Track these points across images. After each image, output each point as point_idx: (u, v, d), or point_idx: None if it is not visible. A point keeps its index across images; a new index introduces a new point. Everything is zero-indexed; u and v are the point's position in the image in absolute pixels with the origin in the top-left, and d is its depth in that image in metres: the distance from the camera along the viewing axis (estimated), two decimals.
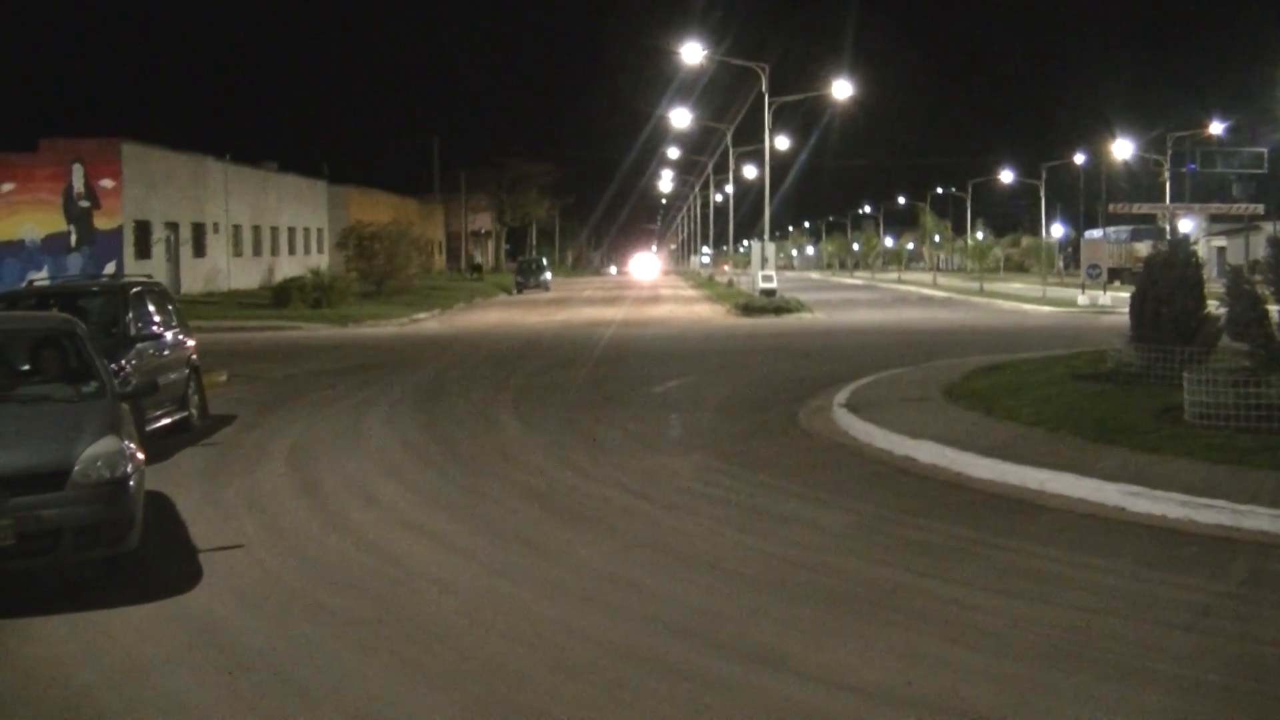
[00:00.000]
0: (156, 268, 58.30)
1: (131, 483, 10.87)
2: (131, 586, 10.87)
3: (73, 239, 59.18)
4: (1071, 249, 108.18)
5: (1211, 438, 15.62)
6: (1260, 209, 75.73)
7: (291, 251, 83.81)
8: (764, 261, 60.79)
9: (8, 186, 59.15)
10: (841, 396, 21.81)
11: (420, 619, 10.03)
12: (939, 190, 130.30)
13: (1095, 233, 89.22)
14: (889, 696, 8.08)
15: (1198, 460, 14.55)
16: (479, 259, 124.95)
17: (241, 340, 41.98)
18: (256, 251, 77.91)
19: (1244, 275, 18.56)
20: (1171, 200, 73.61)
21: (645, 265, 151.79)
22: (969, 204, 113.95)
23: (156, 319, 20.32)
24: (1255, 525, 12.28)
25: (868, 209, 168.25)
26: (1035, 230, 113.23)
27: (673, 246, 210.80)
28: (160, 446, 17.73)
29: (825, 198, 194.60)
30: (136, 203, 60.71)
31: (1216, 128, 79.76)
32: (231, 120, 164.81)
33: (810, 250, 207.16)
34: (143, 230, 61.50)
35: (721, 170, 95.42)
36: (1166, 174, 73.39)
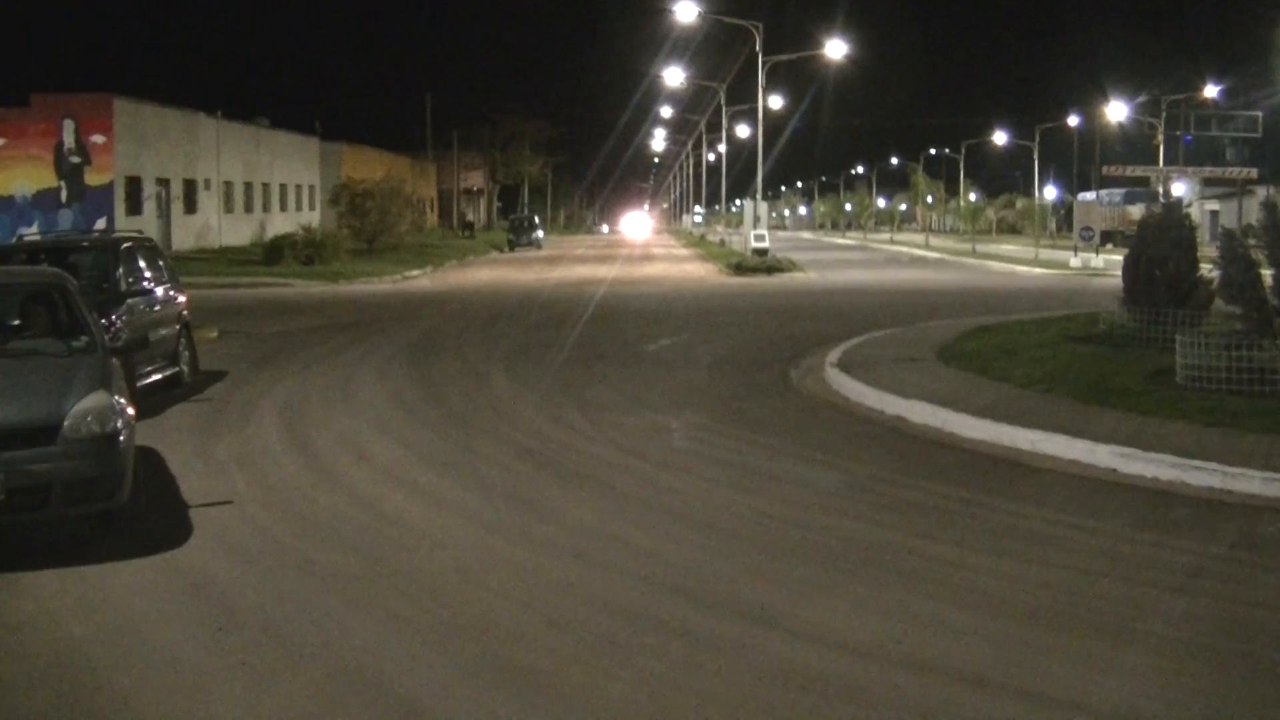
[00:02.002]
0: (148, 224, 58.19)
1: (122, 438, 10.84)
2: (122, 542, 10.86)
3: (64, 194, 59.08)
4: (1065, 211, 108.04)
5: (1203, 400, 15.64)
6: (1254, 173, 75.80)
7: (283, 208, 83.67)
8: (756, 221, 60.81)
9: None
10: (833, 356, 21.81)
11: (411, 575, 10.03)
12: (932, 151, 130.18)
13: (1089, 195, 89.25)
14: (880, 655, 8.09)
15: (1190, 422, 14.57)
16: (471, 217, 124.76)
17: (233, 297, 41.93)
18: (248, 208, 77.77)
19: (1238, 238, 18.55)
20: (1165, 163, 73.65)
21: (637, 224, 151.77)
22: (962, 165, 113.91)
23: (147, 275, 20.26)
24: (1246, 488, 12.30)
25: (861, 169, 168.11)
26: (1029, 192, 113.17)
27: (665, 205, 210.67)
28: (151, 402, 17.71)
29: (818, 158, 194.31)
30: (128, 158, 60.58)
31: (1211, 91, 79.75)
32: (224, 76, 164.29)
33: (803, 210, 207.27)
34: (134, 186, 61.39)
35: (715, 129, 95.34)
36: (1160, 137, 73.37)
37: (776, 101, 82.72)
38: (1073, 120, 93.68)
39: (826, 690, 7.56)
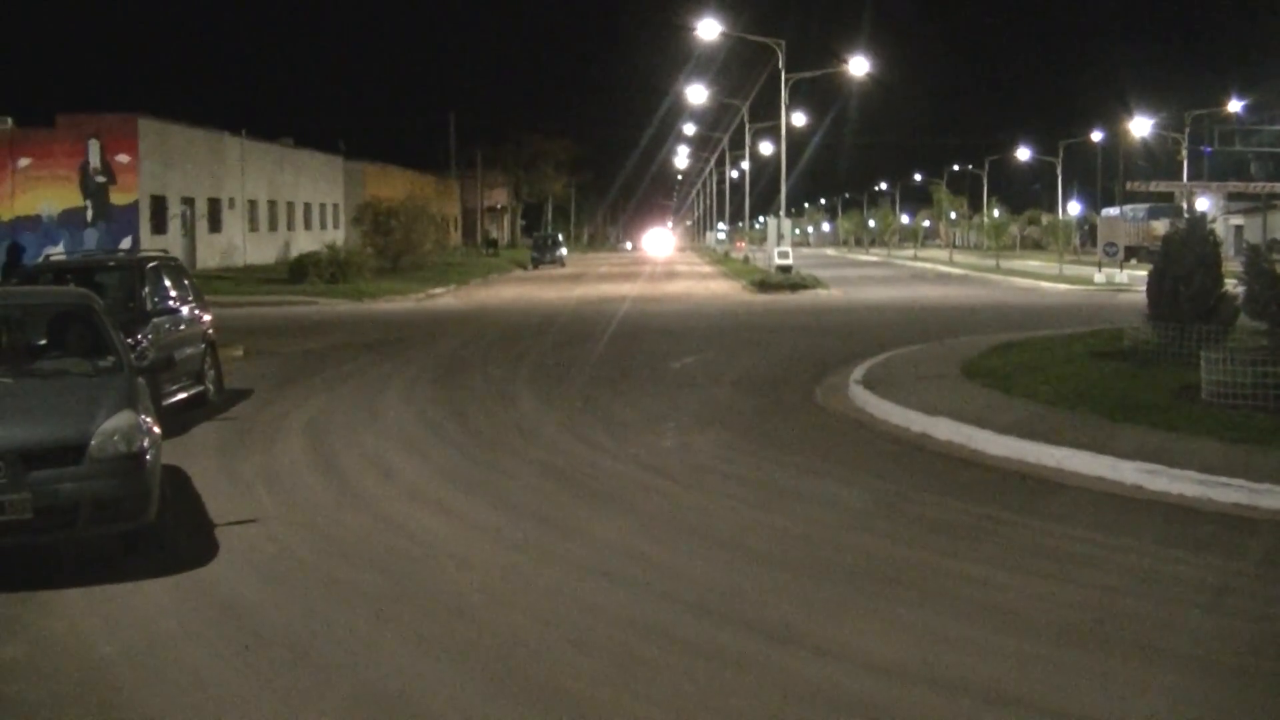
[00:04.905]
0: (172, 243, 58.46)
1: (148, 457, 10.87)
2: (149, 561, 10.89)
3: (89, 214, 59.37)
4: (1089, 227, 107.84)
5: (1229, 416, 15.59)
6: (1278, 187, 75.50)
7: (307, 227, 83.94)
8: (780, 238, 60.77)
9: (25, 162, 59.31)
10: (858, 373, 21.79)
11: (437, 594, 10.04)
12: (955, 168, 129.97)
13: (1112, 211, 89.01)
14: (906, 674, 8.07)
15: (1215, 439, 14.51)
16: (495, 235, 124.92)
17: (258, 315, 42.02)
18: (272, 227, 78.03)
19: (1262, 254, 18.51)
20: (1189, 178, 73.49)
21: (660, 241, 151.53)
22: (985, 181, 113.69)
23: (172, 294, 20.34)
24: (1272, 504, 12.26)
25: (884, 186, 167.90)
26: (1052, 208, 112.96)
27: (688, 223, 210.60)
28: (177, 421, 17.75)
29: (842, 174, 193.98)
30: (153, 178, 60.83)
31: (1235, 106, 79.58)
32: (248, 95, 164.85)
33: (826, 227, 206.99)
34: (159, 205, 61.65)
35: (738, 146, 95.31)
36: (1184, 152, 73.21)
37: (800, 118, 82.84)
38: (1096, 136, 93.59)
39: (853, 710, 7.55)
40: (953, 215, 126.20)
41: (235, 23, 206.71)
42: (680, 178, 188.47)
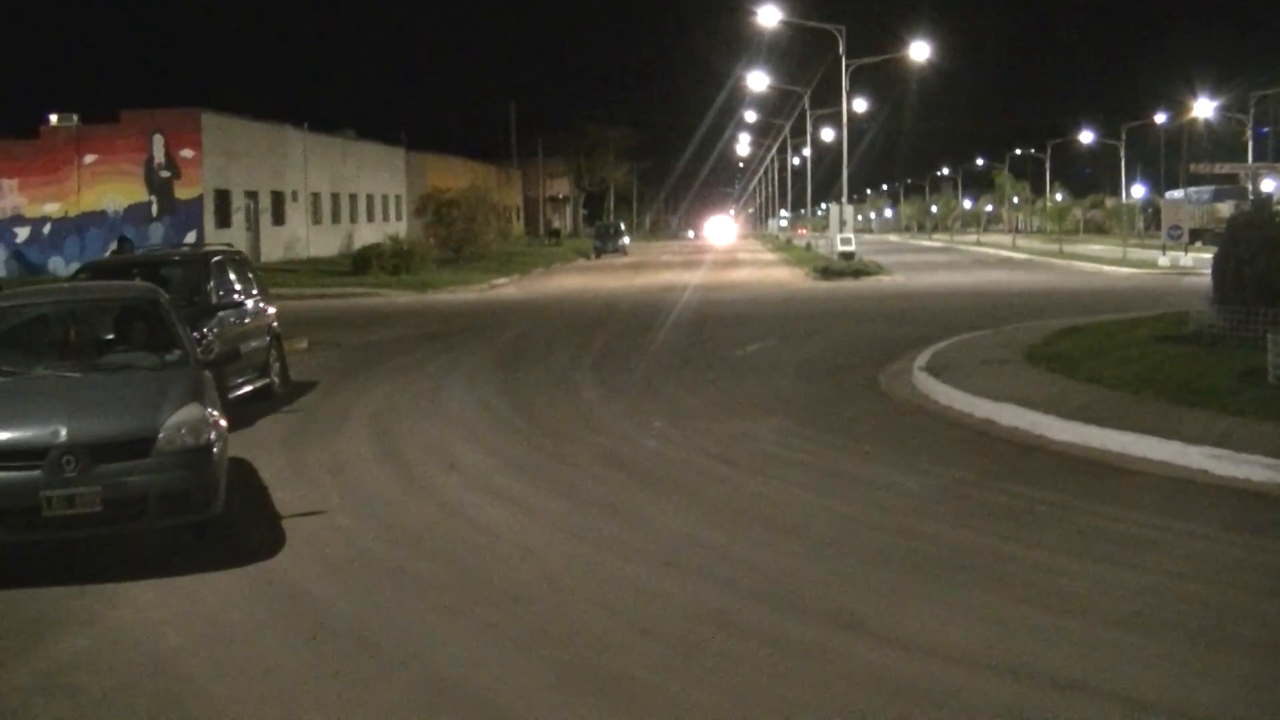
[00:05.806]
0: (236, 236, 58.82)
1: (215, 450, 10.98)
2: (216, 552, 10.99)
3: (154, 209, 59.88)
4: (1152, 210, 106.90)
5: None
6: None
7: (370, 219, 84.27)
8: (842, 224, 60.55)
9: (90, 158, 59.90)
10: (922, 359, 21.71)
11: (501, 583, 10.08)
12: (1018, 152, 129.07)
13: (1176, 193, 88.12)
14: (970, 660, 8.05)
15: None
16: (557, 224, 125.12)
17: (321, 307, 42.25)
18: (335, 219, 78.39)
19: None
20: (1254, 159, 72.70)
21: (722, 229, 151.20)
22: (1048, 165, 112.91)
23: (237, 287, 20.45)
24: None
25: (946, 171, 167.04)
26: (1115, 191, 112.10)
27: (750, 210, 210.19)
28: (243, 413, 17.86)
29: (903, 160, 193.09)
30: (216, 172, 61.25)
31: None
32: (310, 88, 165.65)
33: (888, 213, 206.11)
34: (222, 199, 62.07)
35: (799, 133, 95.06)
36: (1249, 133, 72.45)
37: (861, 104, 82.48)
38: (1159, 118, 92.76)
39: (917, 696, 7.54)
40: (1015, 200, 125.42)
41: (296, 16, 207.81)
42: (741, 165, 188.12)
